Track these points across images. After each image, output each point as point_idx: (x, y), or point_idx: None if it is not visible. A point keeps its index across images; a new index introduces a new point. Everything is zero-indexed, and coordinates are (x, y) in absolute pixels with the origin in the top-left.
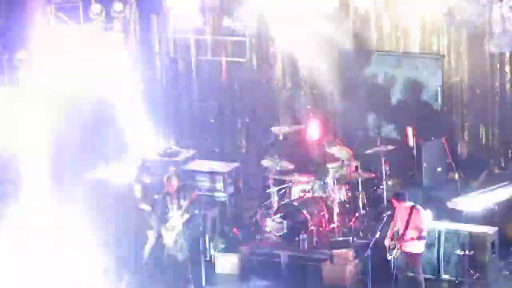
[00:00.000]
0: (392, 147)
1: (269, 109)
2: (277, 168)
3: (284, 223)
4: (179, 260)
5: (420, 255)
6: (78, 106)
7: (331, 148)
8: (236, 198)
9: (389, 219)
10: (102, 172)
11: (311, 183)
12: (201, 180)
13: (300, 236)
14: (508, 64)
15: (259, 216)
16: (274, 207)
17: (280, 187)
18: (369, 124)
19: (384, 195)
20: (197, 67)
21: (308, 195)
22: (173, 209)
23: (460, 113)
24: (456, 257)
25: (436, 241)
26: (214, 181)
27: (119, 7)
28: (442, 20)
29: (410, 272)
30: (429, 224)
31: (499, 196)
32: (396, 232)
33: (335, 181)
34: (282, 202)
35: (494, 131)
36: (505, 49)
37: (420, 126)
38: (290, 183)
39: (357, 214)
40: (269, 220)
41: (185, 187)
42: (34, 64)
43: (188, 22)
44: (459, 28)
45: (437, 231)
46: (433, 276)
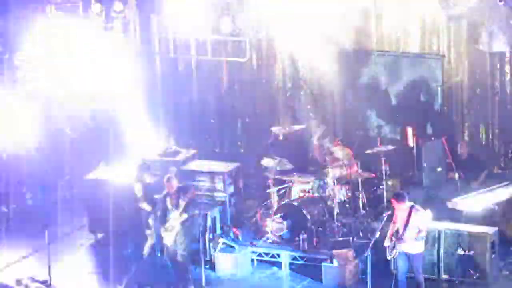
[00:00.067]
0: (392, 147)
1: (269, 109)
2: (277, 168)
3: (284, 223)
4: (179, 260)
5: (420, 255)
6: (78, 106)
7: (324, 141)
8: (236, 198)
9: (389, 219)
10: (102, 172)
11: (311, 183)
12: (201, 180)
13: (300, 236)
14: (508, 64)
15: (259, 216)
16: (274, 207)
17: (280, 187)
18: (369, 124)
19: (384, 195)
20: (197, 67)
21: (308, 195)
22: (173, 210)
23: (460, 113)
24: (456, 257)
25: (436, 241)
26: (214, 181)
27: (119, 7)
28: (442, 20)
29: (410, 272)
30: (429, 224)
31: (499, 196)
32: (396, 232)
33: (335, 181)
34: (282, 202)
35: (494, 131)
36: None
37: (420, 126)
38: (290, 183)
39: (357, 214)
40: (269, 220)
41: (185, 188)
42: (34, 64)
43: (188, 22)
44: (457, 20)
45: (437, 231)
46: (433, 276)
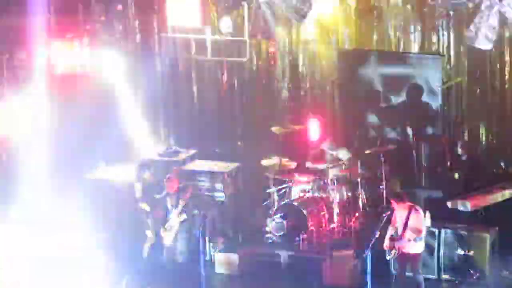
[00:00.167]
0: (392, 147)
1: (269, 109)
2: (277, 168)
3: (284, 223)
4: (178, 261)
5: (420, 255)
6: (78, 106)
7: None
8: (236, 198)
9: (389, 219)
10: (102, 172)
11: (311, 183)
12: (201, 180)
13: (300, 236)
14: (508, 64)
15: (259, 216)
16: (274, 207)
17: (280, 187)
18: (369, 124)
19: (384, 195)
20: (197, 67)
21: (308, 195)
22: (173, 210)
23: (460, 113)
24: (456, 257)
25: (436, 241)
26: (214, 181)
27: (119, 7)
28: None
29: (410, 272)
30: (428, 225)
31: (498, 197)
32: (395, 232)
33: (335, 181)
34: (282, 202)
35: (494, 131)
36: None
37: (420, 126)
38: (290, 183)
39: (357, 214)
40: (269, 220)
41: (185, 187)
42: (34, 64)
43: (188, 22)
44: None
45: (437, 231)
46: (433, 276)
